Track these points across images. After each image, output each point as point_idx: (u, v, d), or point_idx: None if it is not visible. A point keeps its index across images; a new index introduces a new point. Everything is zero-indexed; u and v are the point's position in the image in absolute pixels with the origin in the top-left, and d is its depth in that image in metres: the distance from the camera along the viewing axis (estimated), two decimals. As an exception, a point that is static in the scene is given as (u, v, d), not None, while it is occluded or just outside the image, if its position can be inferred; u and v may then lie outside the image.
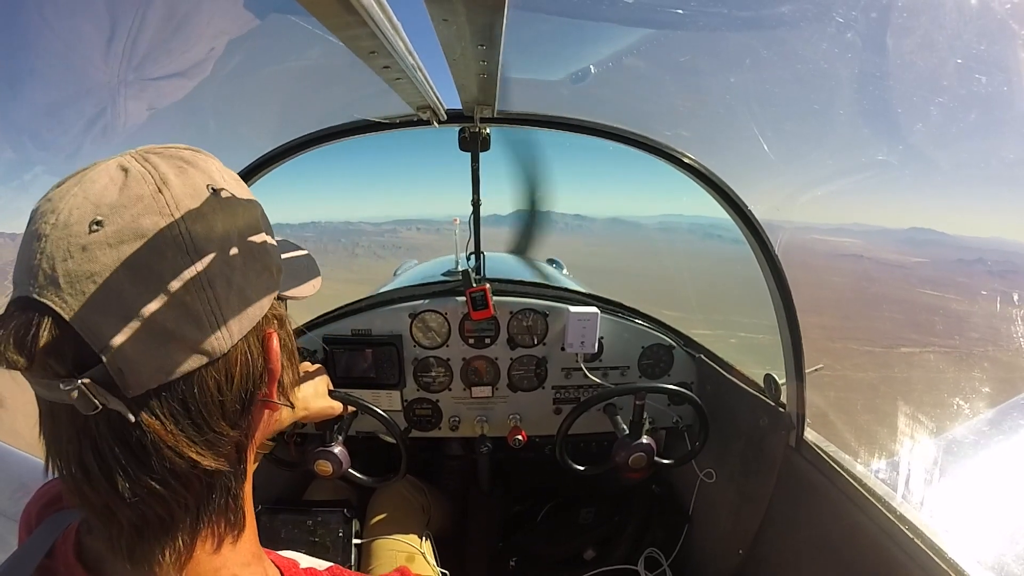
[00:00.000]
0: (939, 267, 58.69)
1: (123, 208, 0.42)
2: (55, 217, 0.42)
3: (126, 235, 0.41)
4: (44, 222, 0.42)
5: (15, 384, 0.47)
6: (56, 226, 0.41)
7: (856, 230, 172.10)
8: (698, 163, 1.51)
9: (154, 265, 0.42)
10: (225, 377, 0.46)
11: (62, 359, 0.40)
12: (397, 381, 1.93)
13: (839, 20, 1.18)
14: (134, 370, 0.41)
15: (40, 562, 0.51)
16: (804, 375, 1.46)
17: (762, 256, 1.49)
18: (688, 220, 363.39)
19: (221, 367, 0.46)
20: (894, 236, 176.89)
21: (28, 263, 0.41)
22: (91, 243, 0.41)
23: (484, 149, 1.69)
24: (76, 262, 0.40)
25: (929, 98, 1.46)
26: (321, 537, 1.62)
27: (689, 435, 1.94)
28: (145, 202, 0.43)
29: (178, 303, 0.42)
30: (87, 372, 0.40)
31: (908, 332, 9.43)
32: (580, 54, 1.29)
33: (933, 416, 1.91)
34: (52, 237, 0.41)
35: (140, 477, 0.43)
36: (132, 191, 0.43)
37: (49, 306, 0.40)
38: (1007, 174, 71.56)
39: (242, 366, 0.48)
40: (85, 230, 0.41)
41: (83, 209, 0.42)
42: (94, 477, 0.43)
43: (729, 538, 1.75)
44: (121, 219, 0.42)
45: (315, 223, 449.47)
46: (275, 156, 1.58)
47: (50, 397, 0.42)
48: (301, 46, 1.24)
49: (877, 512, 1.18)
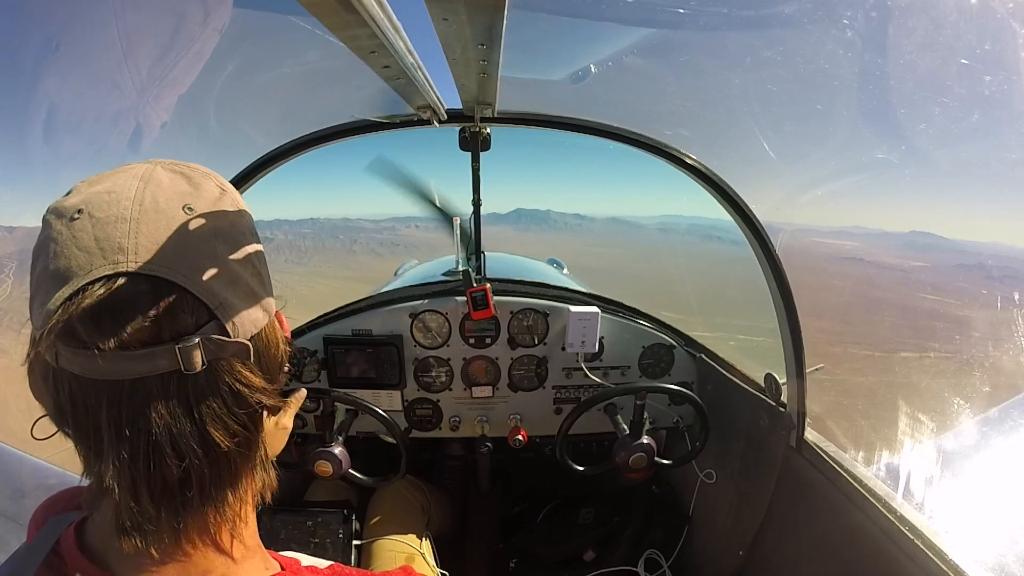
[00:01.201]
0: (939, 271, 58.49)
1: (204, 199, 0.50)
2: (138, 204, 0.46)
3: (217, 220, 0.50)
4: (123, 208, 0.46)
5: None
6: (146, 210, 0.46)
7: (857, 233, 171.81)
8: (699, 163, 1.51)
9: (240, 242, 0.51)
10: (275, 333, 0.56)
11: (185, 319, 0.45)
12: (398, 381, 1.93)
13: (839, 20, 1.18)
14: (241, 323, 0.49)
15: (45, 557, 0.52)
16: (805, 375, 1.46)
17: (763, 256, 1.49)
18: (687, 221, 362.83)
19: (273, 327, 0.56)
20: (894, 239, 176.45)
21: (113, 243, 0.44)
22: (191, 224, 0.47)
23: (484, 149, 1.69)
24: (180, 236, 0.46)
25: (930, 98, 1.46)
26: (321, 538, 1.62)
27: (690, 435, 1.94)
28: (219, 196, 0.52)
29: (255, 272, 0.53)
30: (201, 328, 0.46)
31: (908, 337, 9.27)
32: (580, 54, 1.29)
33: (933, 417, 1.91)
34: (146, 219, 0.45)
35: (230, 424, 0.49)
36: (204, 188, 0.51)
37: (160, 275, 0.44)
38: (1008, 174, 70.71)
39: (279, 336, 0.57)
40: (181, 212, 0.47)
41: (167, 197, 0.48)
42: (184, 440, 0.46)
43: (729, 538, 1.75)
44: (206, 206, 0.50)
45: (314, 219, 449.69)
46: (276, 156, 1.58)
47: (145, 370, 0.44)
48: (301, 46, 1.23)
49: (877, 512, 1.18)
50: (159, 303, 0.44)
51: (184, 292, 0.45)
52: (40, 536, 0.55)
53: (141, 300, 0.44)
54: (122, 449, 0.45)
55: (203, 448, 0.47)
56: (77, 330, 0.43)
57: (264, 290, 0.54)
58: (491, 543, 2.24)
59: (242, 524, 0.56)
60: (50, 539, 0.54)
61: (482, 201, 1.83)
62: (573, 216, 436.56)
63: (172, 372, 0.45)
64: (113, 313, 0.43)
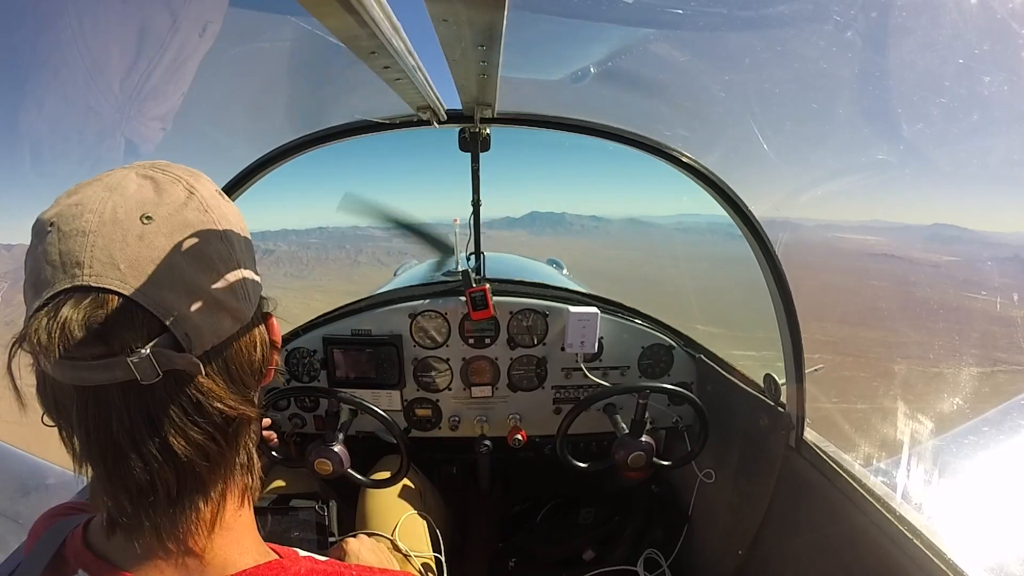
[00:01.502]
0: (974, 266, 56.59)
1: (166, 206, 0.50)
2: (97, 216, 0.47)
3: (176, 226, 0.49)
4: (84, 221, 0.47)
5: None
6: (104, 223, 0.47)
7: (878, 227, 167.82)
8: (696, 162, 1.51)
9: (203, 249, 0.50)
10: (249, 341, 0.56)
11: (134, 332, 0.46)
12: (397, 381, 1.93)
13: (839, 20, 1.18)
14: (198, 334, 0.49)
15: (50, 560, 0.54)
16: (804, 375, 1.46)
17: (762, 256, 1.49)
18: (706, 219, 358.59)
19: (247, 333, 0.55)
20: (918, 233, 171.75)
21: (72, 257, 0.46)
22: (146, 233, 0.47)
23: (484, 149, 1.69)
24: (134, 249, 0.47)
25: (932, 96, 1.46)
26: (303, 531, 1.58)
27: (689, 435, 1.94)
28: (183, 202, 0.51)
29: (222, 278, 0.51)
30: (154, 341, 0.46)
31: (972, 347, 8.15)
32: (580, 54, 1.29)
33: (928, 418, 1.90)
34: (102, 232, 0.46)
35: (191, 435, 0.49)
36: (169, 193, 0.51)
37: (111, 288, 0.45)
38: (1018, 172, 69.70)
39: (259, 334, 0.58)
40: (138, 223, 0.48)
41: (128, 207, 0.48)
42: (144, 447, 0.47)
43: (729, 538, 1.75)
44: (167, 214, 0.49)
45: (322, 229, 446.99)
46: (276, 156, 1.58)
47: (104, 379, 0.45)
48: (301, 46, 1.23)
49: (877, 512, 1.18)
50: (108, 316, 0.45)
51: (135, 304, 0.46)
52: (44, 539, 0.57)
53: (92, 313, 0.45)
54: (93, 450, 0.48)
55: (163, 456, 0.48)
56: (42, 340, 0.44)
57: (234, 297, 0.52)
58: (491, 543, 2.24)
59: (236, 517, 0.57)
60: (55, 541, 0.56)
61: (483, 202, 1.83)
62: (590, 218, 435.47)
63: (130, 382, 0.46)
64: (65, 326, 0.44)
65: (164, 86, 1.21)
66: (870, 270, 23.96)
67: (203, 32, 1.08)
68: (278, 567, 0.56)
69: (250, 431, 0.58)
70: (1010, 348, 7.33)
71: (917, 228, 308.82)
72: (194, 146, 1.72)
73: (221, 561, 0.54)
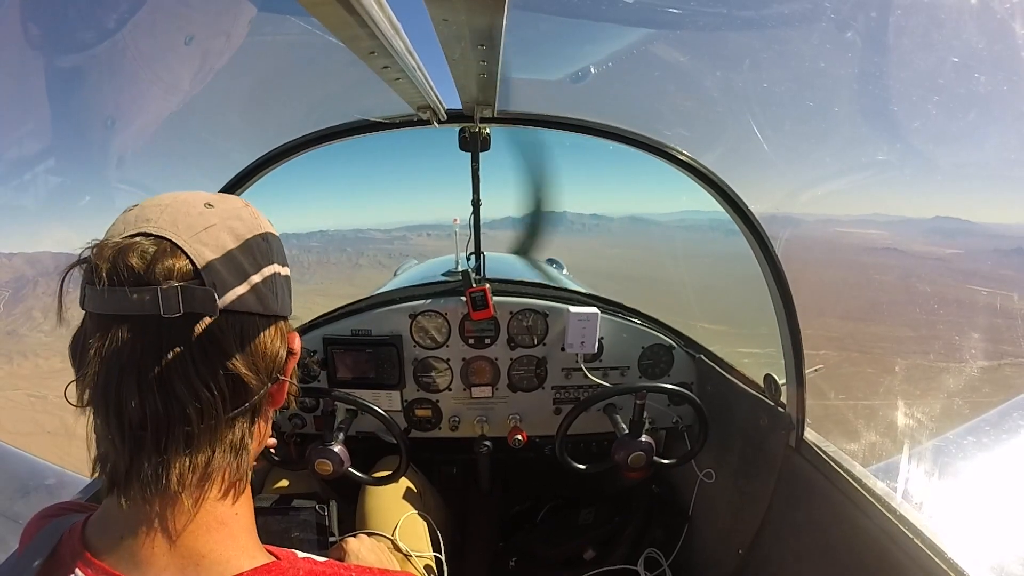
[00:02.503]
0: (977, 258, 55.70)
1: (225, 203, 0.62)
2: (171, 198, 0.59)
3: (230, 215, 0.60)
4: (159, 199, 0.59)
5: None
6: (176, 200, 0.59)
7: (880, 220, 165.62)
8: (695, 161, 1.51)
9: (245, 236, 0.60)
10: (268, 336, 0.61)
11: (172, 269, 0.53)
12: (397, 381, 1.93)
13: (838, 20, 1.18)
14: (222, 287, 0.55)
15: (45, 558, 0.54)
16: (804, 376, 1.46)
17: (762, 255, 1.49)
18: (707, 216, 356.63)
19: (268, 322, 0.61)
20: (920, 226, 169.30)
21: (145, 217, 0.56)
22: (205, 212, 0.58)
23: (484, 149, 1.69)
24: (192, 219, 0.57)
25: (931, 94, 1.46)
26: (302, 531, 1.57)
27: (689, 435, 1.94)
28: (240, 206, 0.63)
29: (255, 263, 0.60)
30: (186, 282, 0.53)
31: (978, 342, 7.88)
32: (580, 54, 1.29)
33: (933, 414, 1.90)
34: (173, 206, 0.57)
35: (191, 379, 0.53)
36: (228, 200, 0.63)
37: (165, 236, 0.54)
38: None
39: (281, 332, 0.64)
40: (201, 206, 0.59)
41: (195, 199, 0.60)
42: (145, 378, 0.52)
43: (729, 538, 1.75)
44: (224, 208, 0.61)
45: (323, 232, 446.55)
46: (276, 156, 1.58)
47: (135, 308, 0.52)
48: (301, 46, 1.23)
49: (877, 512, 1.18)
50: (157, 252, 0.53)
51: (179, 249, 0.54)
52: (40, 537, 0.57)
53: (144, 248, 0.53)
54: (99, 377, 0.52)
55: (160, 394, 0.53)
56: (97, 267, 0.52)
57: (261, 283, 0.60)
58: (491, 543, 2.24)
59: (235, 516, 0.59)
60: (50, 540, 0.56)
61: (483, 201, 1.83)
62: (591, 216, 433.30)
63: (153, 317, 0.52)
64: (121, 254, 0.52)
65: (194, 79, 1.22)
66: (872, 264, 23.65)
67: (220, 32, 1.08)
68: (276, 569, 0.56)
69: (249, 423, 0.60)
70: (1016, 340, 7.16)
71: (918, 221, 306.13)
72: (192, 147, 1.72)
73: (218, 560, 0.55)
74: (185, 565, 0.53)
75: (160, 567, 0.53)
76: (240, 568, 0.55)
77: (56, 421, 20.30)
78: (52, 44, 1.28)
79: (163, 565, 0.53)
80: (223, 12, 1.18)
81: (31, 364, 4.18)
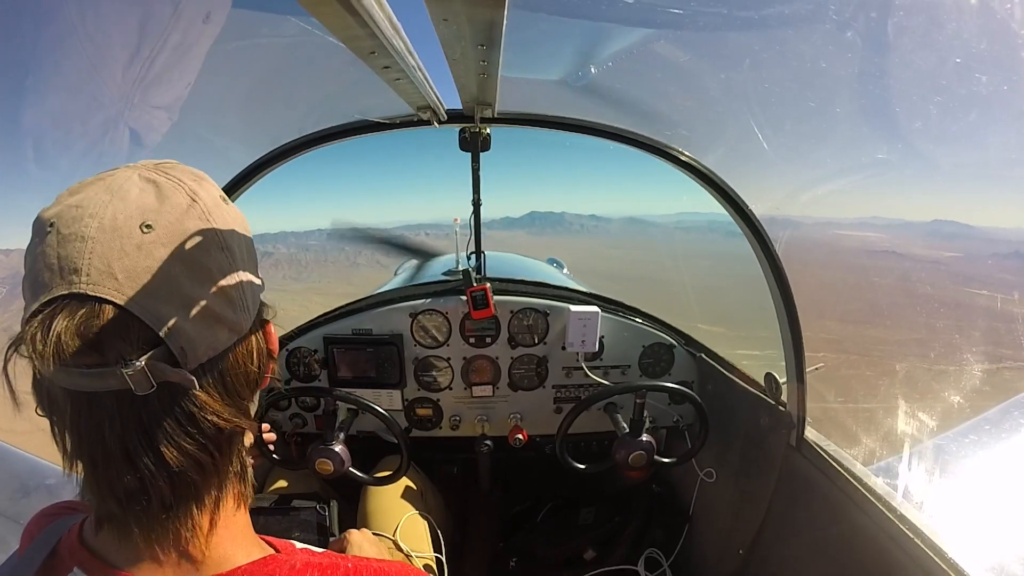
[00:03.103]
0: (976, 262, 55.74)
1: (167, 213, 0.49)
2: (97, 222, 0.46)
3: (175, 236, 0.48)
4: (84, 226, 0.46)
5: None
6: (103, 229, 0.46)
7: (878, 223, 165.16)
8: (697, 161, 1.51)
9: (203, 260, 0.50)
10: (246, 352, 0.55)
11: (128, 343, 0.46)
12: (398, 380, 1.93)
13: (839, 20, 1.18)
14: (193, 347, 0.48)
15: (44, 559, 0.54)
16: (805, 375, 1.46)
17: (762, 255, 1.49)
18: (705, 218, 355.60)
19: (244, 344, 0.55)
20: (918, 229, 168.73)
21: (71, 263, 0.45)
22: (145, 243, 0.47)
23: (484, 149, 1.69)
24: (132, 259, 0.46)
25: (929, 97, 1.46)
26: (298, 534, 1.58)
27: (689, 434, 1.94)
28: (185, 209, 0.50)
29: (220, 290, 0.51)
30: (149, 353, 0.46)
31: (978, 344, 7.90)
32: (580, 54, 1.29)
33: (933, 416, 1.90)
34: (101, 239, 0.46)
35: (184, 445, 0.49)
36: (171, 200, 0.50)
37: (107, 298, 0.45)
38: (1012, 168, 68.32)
39: (256, 344, 0.57)
40: (137, 232, 0.47)
41: (128, 214, 0.47)
42: (137, 456, 0.47)
43: (729, 538, 1.75)
44: (168, 223, 0.48)
45: (321, 231, 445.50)
46: (275, 156, 1.58)
47: (98, 387, 0.45)
48: (301, 46, 1.23)
49: (877, 512, 1.18)
50: (102, 326, 0.45)
51: (130, 316, 0.45)
52: (40, 538, 0.57)
53: (87, 322, 0.44)
54: (83, 453, 0.48)
55: (156, 466, 0.48)
56: (37, 346, 0.44)
57: (231, 309, 0.52)
58: (491, 543, 2.24)
59: (227, 516, 0.57)
60: (50, 541, 0.55)
61: (483, 201, 1.83)
62: (589, 217, 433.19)
63: (124, 390, 0.45)
64: (62, 333, 0.44)
65: (168, 74, 1.20)
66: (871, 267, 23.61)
67: (207, 19, 1.07)
68: (273, 562, 0.56)
69: (243, 440, 0.58)
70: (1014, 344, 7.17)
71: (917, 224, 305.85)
72: (192, 147, 1.71)
73: (217, 558, 0.55)
74: (183, 563, 0.53)
75: (158, 566, 0.52)
76: (240, 562, 0.55)
77: (54, 420, 20.34)
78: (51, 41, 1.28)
79: (161, 564, 0.52)
80: (222, 12, 1.17)
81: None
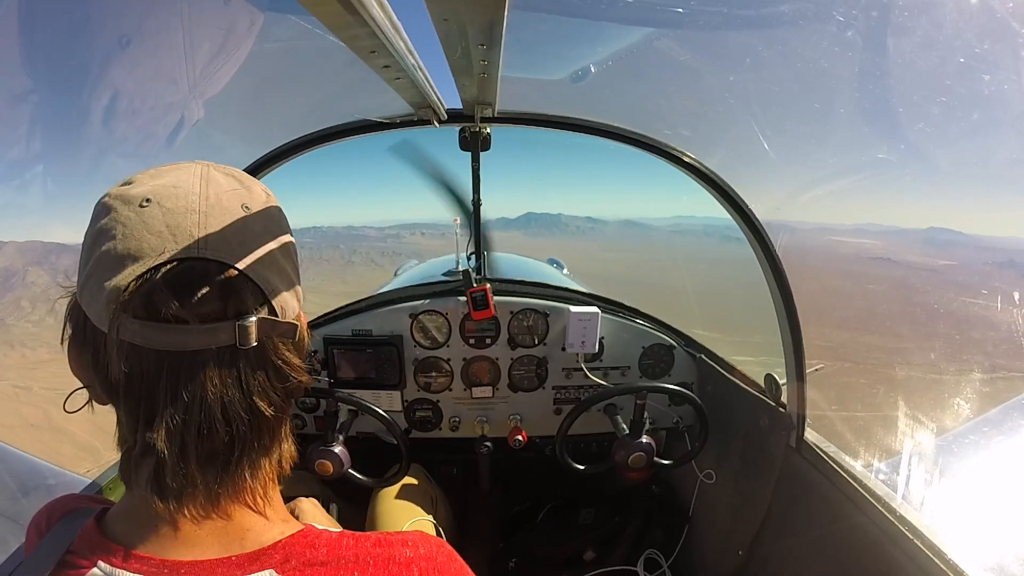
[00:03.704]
0: (971, 271, 56.13)
1: (255, 199, 0.57)
2: (204, 199, 0.52)
3: (266, 218, 0.57)
4: (191, 201, 0.52)
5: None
6: (212, 205, 0.52)
7: (873, 230, 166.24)
8: (698, 162, 1.51)
9: (284, 239, 0.58)
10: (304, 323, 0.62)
11: (243, 302, 0.52)
12: (398, 381, 1.93)
13: (839, 19, 1.18)
14: (285, 307, 0.56)
15: (62, 555, 0.54)
16: (805, 375, 1.46)
17: (763, 255, 1.49)
18: (700, 221, 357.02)
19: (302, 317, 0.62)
20: (913, 236, 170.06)
21: (184, 231, 0.50)
22: (248, 220, 0.54)
23: (484, 149, 1.69)
24: (241, 232, 0.53)
25: (930, 96, 1.46)
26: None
27: (689, 435, 1.94)
28: (265, 199, 0.59)
29: (294, 266, 0.60)
30: (257, 310, 0.53)
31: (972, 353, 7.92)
32: (580, 54, 1.29)
33: (933, 417, 1.90)
34: (212, 213, 0.52)
35: (273, 397, 0.55)
36: (253, 190, 0.58)
37: (226, 261, 0.51)
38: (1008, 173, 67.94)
39: (304, 319, 0.64)
40: (240, 209, 0.54)
41: (229, 195, 0.55)
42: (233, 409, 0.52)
43: (729, 539, 1.75)
44: (259, 207, 0.56)
45: (316, 228, 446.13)
46: (275, 156, 1.58)
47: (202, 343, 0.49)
48: (301, 46, 1.23)
49: (877, 513, 1.18)
50: (226, 285, 0.51)
51: (245, 278, 0.52)
52: (53, 534, 0.56)
53: (211, 281, 0.50)
54: (176, 414, 0.50)
55: (249, 415, 0.53)
56: (153, 302, 0.48)
57: (299, 283, 0.61)
58: (491, 543, 2.24)
59: (272, 489, 0.61)
60: (64, 539, 0.55)
61: (483, 201, 1.83)
62: (585, 219, 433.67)
63: (227, 347, 0.51)
64: (190, 288, 0.49)
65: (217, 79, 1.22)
66: (867, 274, 23.57)
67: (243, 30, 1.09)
68: (303, 538, 0.57)
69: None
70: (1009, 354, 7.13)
71: (913, 232, 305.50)
72: (191, 146, 1.72)
73: (260, 532, 0.56)
74: (230, 541, 0.55)
75: (205, 546, 0.54)
76: (277, 536, 0.56)
77: (40, 414, 19.82)
78: (54, 45, 1.28)
79: (208, 544, 0.54)
80: (222, 12, 1.17)
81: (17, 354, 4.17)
